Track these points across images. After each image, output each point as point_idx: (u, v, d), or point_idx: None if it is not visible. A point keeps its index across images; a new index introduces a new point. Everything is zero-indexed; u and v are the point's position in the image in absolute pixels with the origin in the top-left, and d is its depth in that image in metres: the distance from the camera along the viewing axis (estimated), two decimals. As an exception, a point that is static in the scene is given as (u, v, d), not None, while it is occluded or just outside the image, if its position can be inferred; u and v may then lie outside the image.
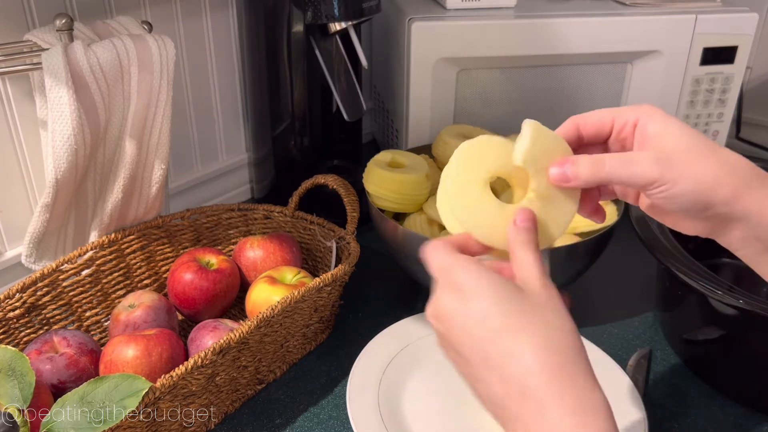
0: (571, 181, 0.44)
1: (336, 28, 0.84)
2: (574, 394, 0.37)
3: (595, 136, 0.46)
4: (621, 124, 0.45)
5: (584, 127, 0.46)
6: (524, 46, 0.92)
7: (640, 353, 0.73)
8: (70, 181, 0.67)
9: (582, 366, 0.39)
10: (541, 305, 0.40)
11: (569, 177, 0.44)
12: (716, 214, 0.42)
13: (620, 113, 0.45)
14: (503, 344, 0.38)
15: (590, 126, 0.46)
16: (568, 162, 0.44)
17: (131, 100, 0.68)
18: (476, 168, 0.45)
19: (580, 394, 0.37)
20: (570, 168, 0.44)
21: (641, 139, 0.44)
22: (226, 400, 0.66)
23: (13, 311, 0.66)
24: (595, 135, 0.46)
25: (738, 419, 0.66)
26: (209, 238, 0.85)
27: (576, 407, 0.37)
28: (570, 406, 0.37)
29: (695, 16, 0.93)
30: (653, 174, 0.41)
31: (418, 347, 0.72)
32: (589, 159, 0.43)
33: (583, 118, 0.46)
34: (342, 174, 0.83)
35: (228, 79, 0.97)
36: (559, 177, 0.44)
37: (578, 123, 0.46)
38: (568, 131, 0.46)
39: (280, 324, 0.66)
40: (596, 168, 0.43)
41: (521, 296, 0.40)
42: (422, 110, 0.94)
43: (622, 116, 0.45)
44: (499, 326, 0.39)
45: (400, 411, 0.65)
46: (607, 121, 0.45)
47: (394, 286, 0.86)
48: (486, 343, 0.39)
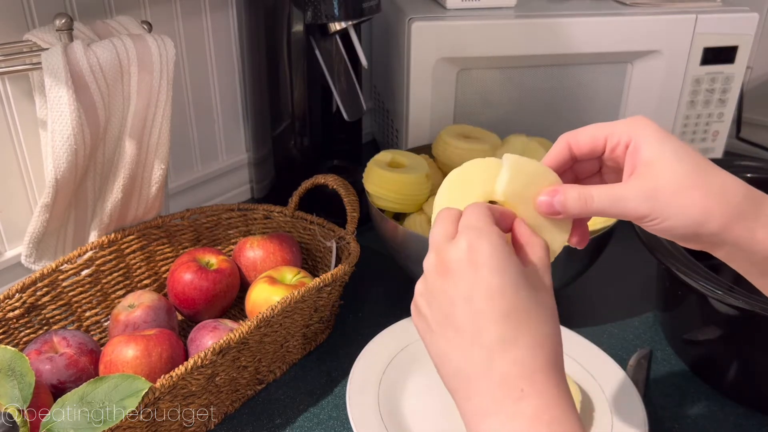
0: (561, 214, 0.44)
1: (336, 28, 0.84)
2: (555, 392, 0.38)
3: (589, 154, 0.46)
4: (614, 143, 0.44)
5: (577, 147, 0.46)
6: (524, 46, 0.92)
7: (640, 353, 0.73)
8: (70, 181, 0.67)
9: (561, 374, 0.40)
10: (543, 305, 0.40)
11: (557, 209, 0.44)
12: (706, 242, 0.42)
13: (613, 131, 0.44)
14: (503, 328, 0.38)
15: (583, 145, 0.45)
16: (557, 193, 0.43)
17: (131, 100, 0.68)
18: (465, 195, 0.45)
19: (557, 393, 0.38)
20: (558, 200, 0.43)
21: (632, 162, 0.43)
22: (226, 400, 0.66)
23: (12, 311, 0.66)
24: (589, 153, 0.46)
25: (738, 419, 0.66)
26: (209, 238, 0.85)
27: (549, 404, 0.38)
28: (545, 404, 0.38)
29: (695, 16, 0.93)
30: (642, 210, 0.41)
31: (418, 347, 0.72)
32: (577, 194, 0.43)
33: (576, 137, 0.45)
34: (342, 174, 0.83)
35: (228, 79, 0.97)
36: (547, 209, 0.44)
37: (570, 142, 0.46)
38: (560, 151, 0.46)
39: (280, 324, 0.66)
40: (584, 203, 0.43)
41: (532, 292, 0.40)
42: (422, 110, 0.94)
43: (615, 135, 0.44)
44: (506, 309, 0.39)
45: (400, 411, 0.65)
46: (600, 140, 0.45)
47: (394, 286, 0.86)
48: (484, 319, 0.39)
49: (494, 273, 0.39)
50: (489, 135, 0.89)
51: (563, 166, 0.46)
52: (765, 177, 0.80)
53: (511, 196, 0.45)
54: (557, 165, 0.46)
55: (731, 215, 0.40)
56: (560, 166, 0.46)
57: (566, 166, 0.46)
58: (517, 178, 0.44)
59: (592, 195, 0.42)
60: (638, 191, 0.41)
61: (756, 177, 0.80)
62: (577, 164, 0.47)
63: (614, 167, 0.46)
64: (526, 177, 0.45)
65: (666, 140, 0.42)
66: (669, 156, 0.41)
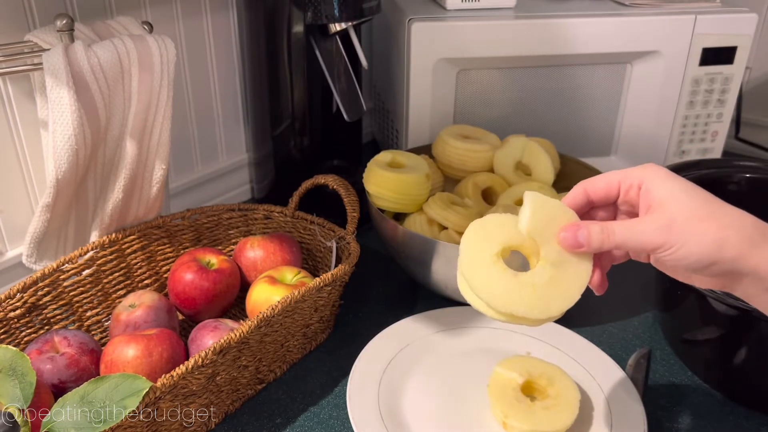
0: (583, 247, 0.46)
1: (336, 29, 0.84)
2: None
3: (605, 198, 0.49)
4: (627, 187, 0.47)
5: (593, 192, 0.48)
6: (524, 47, 0.93)
7: (640, 353, 0.73)
8: (71, 181, 0.67)
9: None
10: None
11: (581, 243, 0.46)
12: (725, 271, 0.44)
13: (626, 176, 0.47)
14: None
15: (599, 190, 0.48)
16: (580, 228, 0.46)
17: (132, 101, 0.68)
18: (486, 243, 0.47)
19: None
20: (582, 234, 0.46)
21: (646, 202, 0.46)
22: (227, 399, 0.66)
23: (14, 311, 0.66)
24: (604, 197, 0.48)
25: (737, 419, 0.66)
26: (209, 238, 0.86)
27: None
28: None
29: (695, 16, 0.94)
30: (659, 240, 0.44)
31: (418, 347, 0.72)
32: (599, 228, 0.46)
33: (593, 183, 0.48)
34: (342, 174, 0.83)
35: (228, 79, 0.97)
36: (571, 242, 0.46)
37: (587, 188, 0.48)
38: (577, 196, 0.49)
39: (280, 324, 0.66)
40: (607, 236, 0.46)
41: None
42: (422, 110, 0.95)
43: (627, 179, 0.47)
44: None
45: (400, 411, 0.65)
46: (615, 185, 0.48)
47: (394, 286, 0.86)
48: None
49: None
50: (489, 135, 0.90)
51: (580, 211, 0.49)
52: (764, 177, 0.80)
53: (534, 233, 0.47)
54: (574, 208, 0.49)
55: (745, 242, 0.43)
56: (577, 210, 0.49)
57: (583, 211, 0.49)
58: (539, 215, 0.47)
59: (613, 228, 0.45)
60: (654, 223, 0.44)
61: (755, 177, 0.80)
62: (593, 211, 0.50)
63: (629, 211, 0.49)
64: (548, 213, 0.47)
65: (675, 180, 0.45)
66: (679, 193, 0.45)
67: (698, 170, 0.79)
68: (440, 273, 0.75)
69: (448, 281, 0.75)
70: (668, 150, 1.04)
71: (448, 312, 0.76)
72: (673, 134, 1.02)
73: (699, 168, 0.80)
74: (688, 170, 0.79)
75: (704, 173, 0.79)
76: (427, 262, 0.74)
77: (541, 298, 0.46)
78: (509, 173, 0.85)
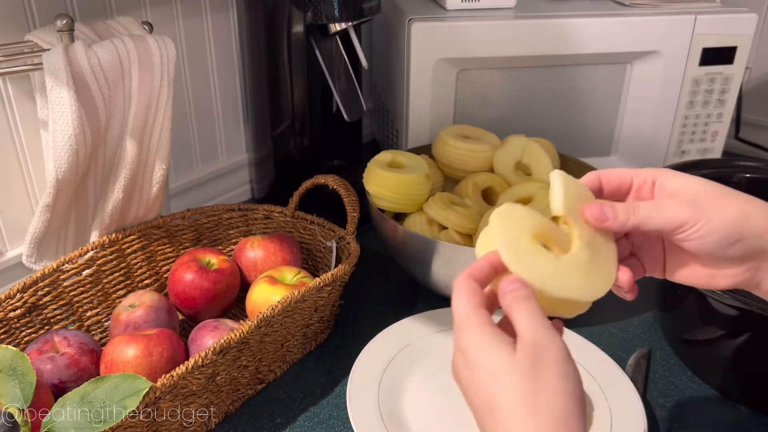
0: (609, 221, 0.45)
1: (336, 29, 0.84)
2: None
3: (616, 191, 0.48)
4: (640, 182, 0.47)
5: (607, 181, 0.48)
6: (524, 47, 0.93)
7: (640, 353, 0.74)
8: (71, 181, 0.67)
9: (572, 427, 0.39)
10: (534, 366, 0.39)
11: (608, 216, 0.45)
12: (751, 251, 0.43)
13: (639, 172, 0.47)
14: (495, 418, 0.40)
15: (613, 179, 0.48)
16: (604, 203, 0.46)
17: (132, 101, 0.68)
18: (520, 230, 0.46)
19: None
20: (608, 208, 0.45)
21: (661, 195, 0.46)
22: (227, 399, 0.66)
23: (14, 311, 0.66)
24: (616, 189, 0.48)
25: (737, 419, 0.66)
26: (210, 238, 0.86)
27: None
28: None
29: (694, 16, 0.94)
30: (684, 215, 0.43)
31: (418, 347, 0.72)
32: (624, 204, 0.45)
33: (607, 173, 0.48)
34: (342, 174, 0.83)
35: (228, 79, 0.97)
36: (598, 215, 0.46)
37: (601, 176, 0.48)
38: (592, 181, 0.48)
39: (280, 324, 0.66)
40: (632, 211, 0.45)
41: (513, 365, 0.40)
42: (422, 110, 0.95)
43: (640, 175, 0.47)
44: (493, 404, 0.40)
45: (400, 411, 0.65)
46: (627, 178, 0.47)
47: (394, 286, 0.86)
48: (484, 412, 0.41)
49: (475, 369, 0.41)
50: (489, 135, 0.90)
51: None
52: (764, 177, 0.80)
53: (568, 210, 0.46)
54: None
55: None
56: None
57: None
58: (570, 192, 0.46)
59: (637, 204, 0.45)
60: (678, 200, 0.44)
61: (755, 177, 0.80)
62: None
63: None
64: (577, 191, 0.46)
65: (689, 176, 0.46)
66: (694, 182, 0.45)
67: (698, 170, 0.79)
68: (440, 273, 0.75)
69: (448, 281, 0.75)
70: (668, 150, 1.04)
71: (448, 312, 0.76)
72: (673, 134, 1.02)
73: (699, 168, 0.80)
74: (688, 170, 0.78)
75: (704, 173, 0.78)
76: (427, 262, 0.74)
77: (587, 277, 0.45)
78: (509, 173, 0.85)
